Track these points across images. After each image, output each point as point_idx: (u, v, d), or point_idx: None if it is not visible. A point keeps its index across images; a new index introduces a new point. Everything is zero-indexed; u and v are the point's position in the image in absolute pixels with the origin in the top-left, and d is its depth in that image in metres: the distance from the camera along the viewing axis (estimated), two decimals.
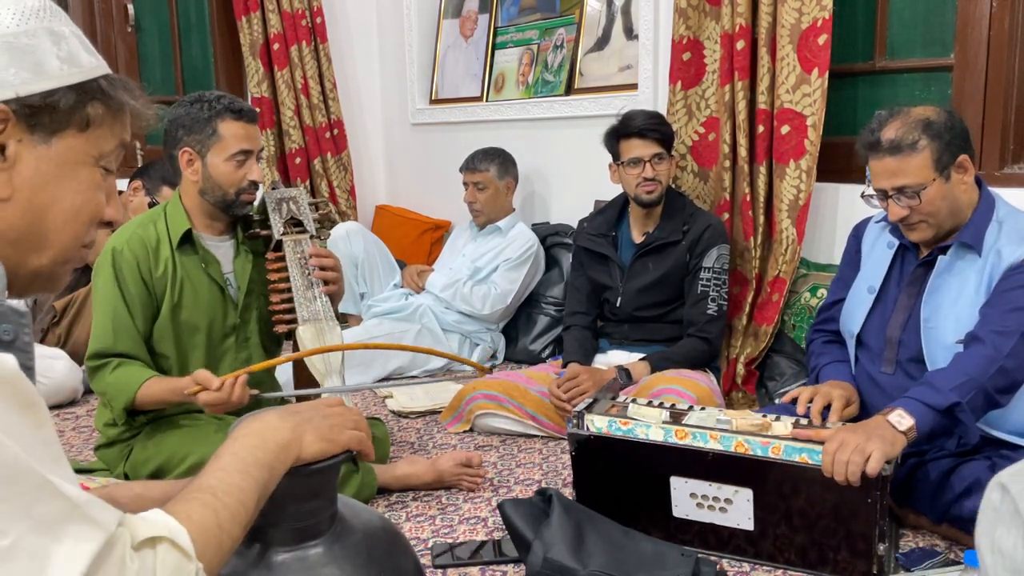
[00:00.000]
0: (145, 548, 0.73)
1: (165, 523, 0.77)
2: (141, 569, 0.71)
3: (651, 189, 2.67)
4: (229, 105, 2.04)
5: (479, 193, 3.47)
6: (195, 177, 2.07)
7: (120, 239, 2.05)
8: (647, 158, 2.65)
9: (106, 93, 0.85)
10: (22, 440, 0.65)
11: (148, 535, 0.74)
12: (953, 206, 1.84)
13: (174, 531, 0.76)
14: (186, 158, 2.06)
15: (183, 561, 0.75)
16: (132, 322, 2.02)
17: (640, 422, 1.81)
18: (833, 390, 1.90)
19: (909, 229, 1.87)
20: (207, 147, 2.04)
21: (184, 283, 2.07)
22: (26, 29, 0.80)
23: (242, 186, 2.06)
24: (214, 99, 2.05)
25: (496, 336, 3.52)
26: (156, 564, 0.73)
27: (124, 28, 3.96)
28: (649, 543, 1.70)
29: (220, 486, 0.85)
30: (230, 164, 2.04)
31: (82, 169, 0.85)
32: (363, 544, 1.06)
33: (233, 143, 2.04)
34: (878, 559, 1.66)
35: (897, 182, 1.81)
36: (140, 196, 3.43)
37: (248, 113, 2.07)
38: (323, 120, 4.21)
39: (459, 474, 2.17)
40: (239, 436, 0.93)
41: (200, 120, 2.03)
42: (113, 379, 1.98)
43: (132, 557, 0.71)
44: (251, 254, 2.18)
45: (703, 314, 2.65)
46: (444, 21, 4.26)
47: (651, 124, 2.69)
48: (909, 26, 2.76)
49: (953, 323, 1.84)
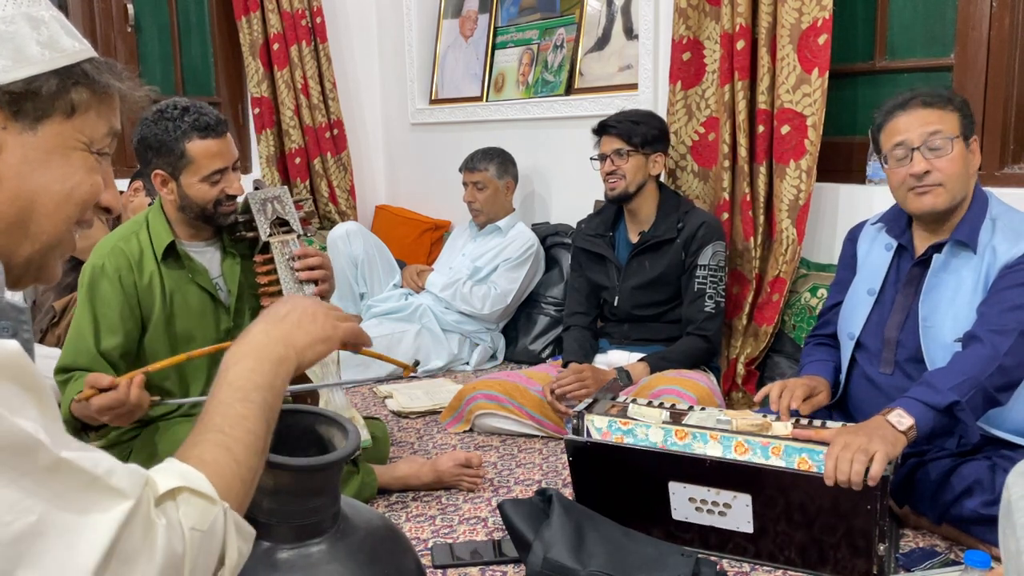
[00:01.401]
0: (166, 502, 0.72)
1: (180, 471, 0.75)
2: (168, 525, 0.70)
3: (613, 184, 2.71)
4: (194, 123, 1.94)
5: (478, 193, 3.48)
6: (171, 196, 2.01)
7: (101, 254, 2.00)
8: (608, 153, 2.69)
9: (90, 77, 0.83)
10: (32, 419, 0.65)
11: (166, 488, 0.73)
12: (965, 181, 1.87)
13: (191, 478, 0.75)
14: (159, 180, 2.00)
15: (207, 506, 0.74)
16: (93, 338, 1.96)
17: (640, 422, 1.81)
18: (798, 383, 1.95)
19: (923, 192, 1.86)
20: (179, 169, 1.97)
21: (174, 294, 2.04)
22: (3, 15, 0.79)
23: (220, 198, 2.01)
24: (178, 116, 1.94)
25: (496, 336, 3.52)
26: (180, 515, 0.72)
27: (124, 28, 3.96)
28: (649, 543, 1.70)
29: (226, 421, 0.83)
30: (205, 184, 1.98)
31: (73, 154, 0.83)
32: (365, 542, 1.06)
33: (206, 163, 1.96)
34: (878, 559, 1.66)
35: (930, 128, 1.84)
36: (141, 197, 3.43)
37: (216, 127, 1.97)
38: (323, 120, 4.21)
39: (459, 474, 2.17)
40: (230, 365, 0.90)
41: (167, 143, 1.94)
42: (65, 396, 1.93)
43: (157, 515, 0.70)
44: (238, 257, 2.14)
45: (701, 312, 2.65)
46: (444, 21, 4.27)
47: (615, 119, 2.72)
48: (909, 26, 2.76)
49: (951, 321, 1.84)
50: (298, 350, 0.94)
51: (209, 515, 0.74)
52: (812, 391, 1.96)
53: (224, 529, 0.75)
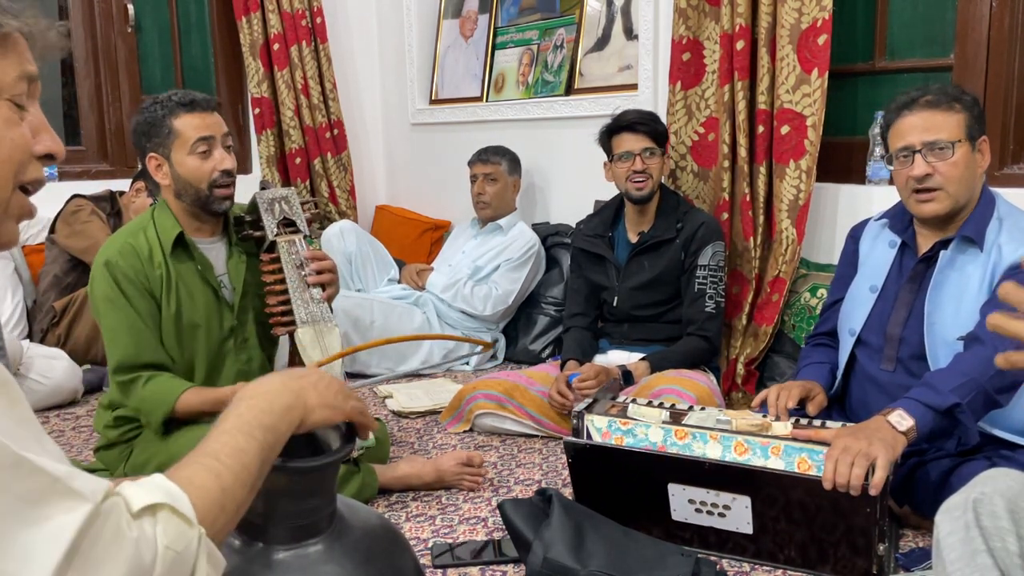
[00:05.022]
0: (145, 516, 0.72)
1: (166, 489, 0.75)
2: (141, 537, 0.70)
3: (641, 184, 2.68)
4: (180, 100, 2.00)
5: (489, 185, 3.49)
6: (167, 180, 2.04)
7: (111, 250, 2.01)
8: (637, 151, 2.67)
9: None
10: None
11: (148, 502, 0.73)
12: (970, 184, 1.86)
13: (175, 497, 0.75)
14: (154, 164, 2.03)
15: (185, 528, 0.74)
16: (149, 332, 1.99)
17: (640, 422, 1.81)
18: (793, 385, 1.96)
19: (924, 198, 1.86)
20: (168, 148, 2.01)
21: (180, 288, 2.05)
22: None
23: (213, 178, 2.01)
24: (165, 98, 2.01)
25: (496, 336, 3.52)
26: (157, 532, 0.72)
27: (124, 28, 3.96)
28: (649, 543, 1.70)
29: (223, 449, 0.83)
30: (194, 157, 2.00)
31: None
32: (362, 542, 1.06)
33: (191, 133, 1.99)
34: (878, 559, 1.66)
35: (931, 136, 1.84)
36: (142, 197, 3.43)
37: (201, 103, 2.02)
38: (323, 120, 4.21)
39: (460, 473, 2.17)
40: (243, 399, 0.92)
41: (156, 123, 2.00)
42: (148, 393, 1.96)
43: (131, 525, 0.70)
44: (244, 255, 2.15)
45: (701, 312, 2.65)
46: (444, 21, 4.27)
47: (642, 119, 2.71)
48: (909, 26, 2.76)
49: (955, 319, 1.84)
50: (308, 407, 0.96)
51: (185, 537, 0.74)
52: (808, 393, 1.96)
53: (196, 554, 0.75)
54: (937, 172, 1.83)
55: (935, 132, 1.83)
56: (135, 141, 2.06)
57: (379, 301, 3.40)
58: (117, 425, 2.08)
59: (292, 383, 0.97)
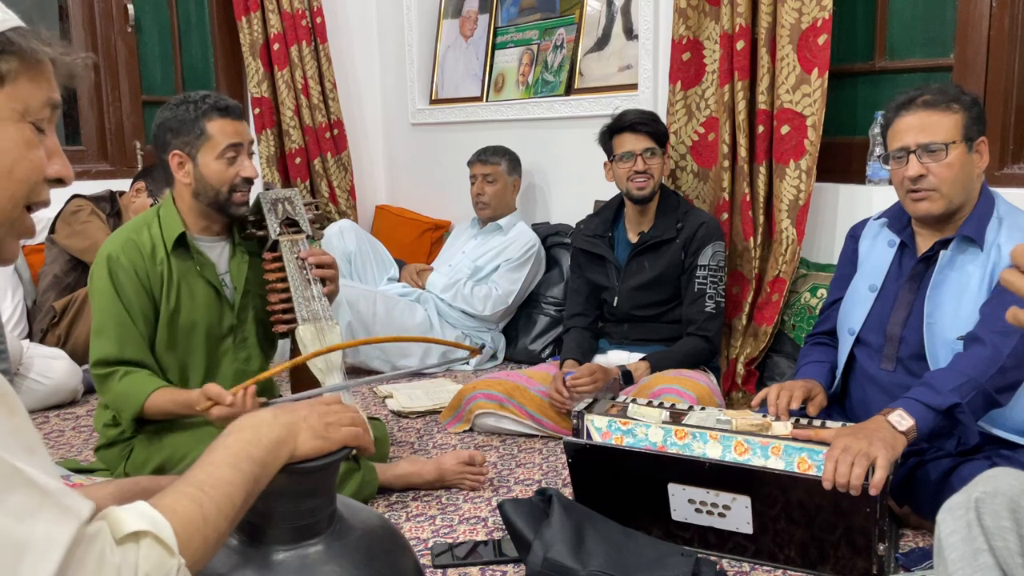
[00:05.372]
0: (128, 543, 0.73)
1: (151, 517, 0.76)
2: (123, 563, 0.71)
3: (642, 184, 2.68)
4: (215, 103, 2.02)
5: (488, 185, 3.49)
6: (187, 179, 2.05)
7: (114, 245, 2.03)
8: (638, 152, 2.67)
9: (17, 45, 0.81)
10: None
11: (132, 529, 0.74)
12: (965, 184, 1.85)
13: (158, 525, 0.76)
14: (176, 161, 2.04)
15: (165, 556, 0.75)
16: (136, 329, 2.01)
17: (640, 422, 1.81)
18: (795, 385, 1.96)
19: (918, 198, 1.87)
20: (196, 148, 2.02)
21: (180, 286, 2.06)
22: None
23: (235, 183, 2.04)
24: (199, 99, 2.03)
25: (496, 336, 3.52)
26: (139, 559, 0.73)
27: (124, 28, 3.96)
28: (649, 543, 1.70)
29: (208, 480, 0.84)
30: (221, 162, 2.02)
31: (7, 126, 0.81)
32: (362, 542, 1.06)
33: (222, 139, 2.02)
34: (878, 559, 1.66)
35: (926, 137, 1.83)
36: (143, 198, 3.43)
37: (234, 110, 2.05)
38: (323, 120, 4.21)
39: (462, 473, 2.17)
40: (232, 431, 0.93)
41: (187, 121, 2.01)
42: (121, 388, 1.97)
43: (114, 551, 0.71)
44: (247, 255, 2.17)
45: (701, 312, 2.65)
46: (444, 21, 4.27)
47: (643, 119, 2.71)
48: (909, 26, 2.76)
49: (956, 319, 1.84)
50: (298, 440, 0.97)
51: (165, 566, 0.75)
52: (809, 393, 1.96)
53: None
54: (931, 173, 1.83)
55: (930, 133, 1.83)
56: (158, 135, 2.06)
57: (383, 295, 3.41)
58: (117, 424, 2.09)
59: (284, 416, 0.98)
